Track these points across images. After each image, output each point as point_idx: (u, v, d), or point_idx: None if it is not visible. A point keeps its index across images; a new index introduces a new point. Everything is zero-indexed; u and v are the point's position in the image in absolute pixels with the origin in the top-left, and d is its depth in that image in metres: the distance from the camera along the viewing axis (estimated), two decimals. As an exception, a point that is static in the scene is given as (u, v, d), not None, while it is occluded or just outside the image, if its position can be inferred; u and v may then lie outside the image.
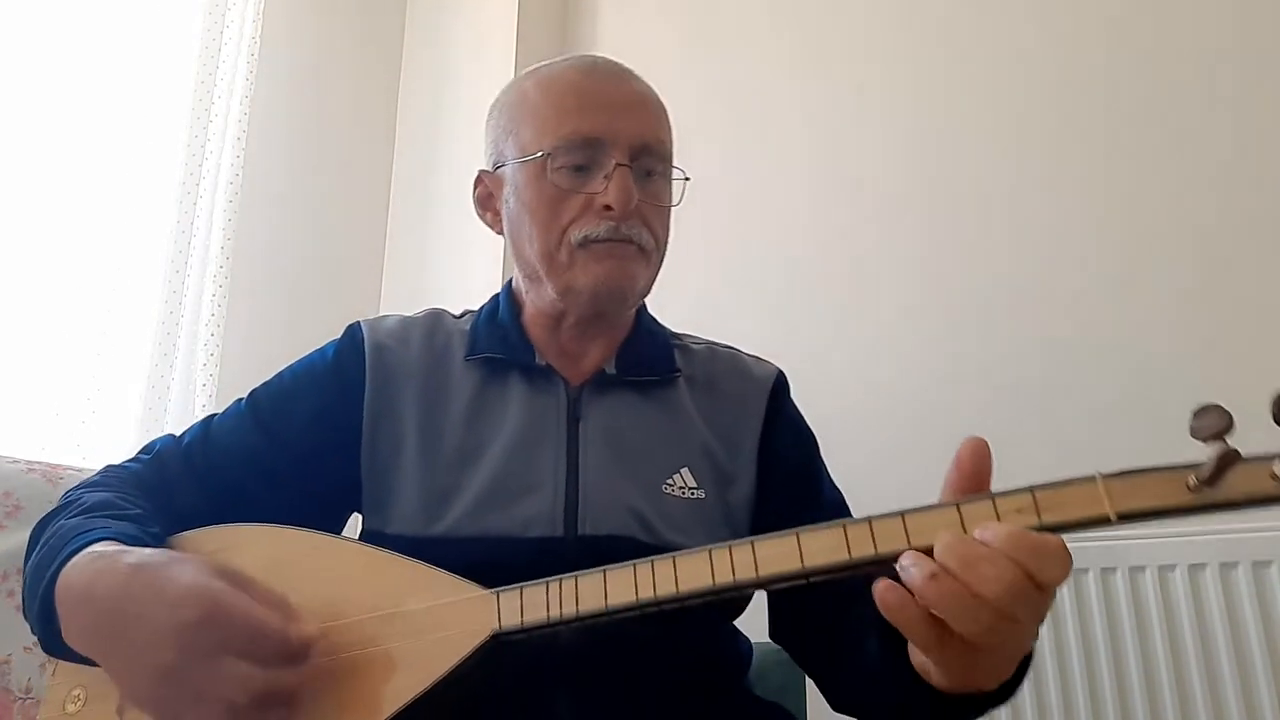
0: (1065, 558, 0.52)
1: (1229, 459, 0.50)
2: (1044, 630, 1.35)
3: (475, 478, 0.82)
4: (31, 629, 0.70)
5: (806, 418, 0.97)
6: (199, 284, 1.81)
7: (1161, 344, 1.43)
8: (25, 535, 0.92)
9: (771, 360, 0.99)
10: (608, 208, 0.84)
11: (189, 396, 1.74)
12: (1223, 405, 0.50)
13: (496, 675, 0.65)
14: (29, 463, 1.21)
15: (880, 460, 1.57)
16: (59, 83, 1.73)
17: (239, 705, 0.59)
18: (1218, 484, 0.51)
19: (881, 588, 0.53)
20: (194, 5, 1.92)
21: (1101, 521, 0.53)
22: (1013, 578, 0.51)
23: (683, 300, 1.95)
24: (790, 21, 1.98)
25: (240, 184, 1.88)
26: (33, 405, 1.60)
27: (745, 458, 0.89)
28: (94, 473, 0.85)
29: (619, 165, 0.84)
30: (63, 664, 0.74)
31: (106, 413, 1.68)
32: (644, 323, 0.96)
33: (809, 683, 1.16)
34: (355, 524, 0.90)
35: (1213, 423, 0.50)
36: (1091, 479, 0.54)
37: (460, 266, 2.08)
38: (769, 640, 0.91)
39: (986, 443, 0.57)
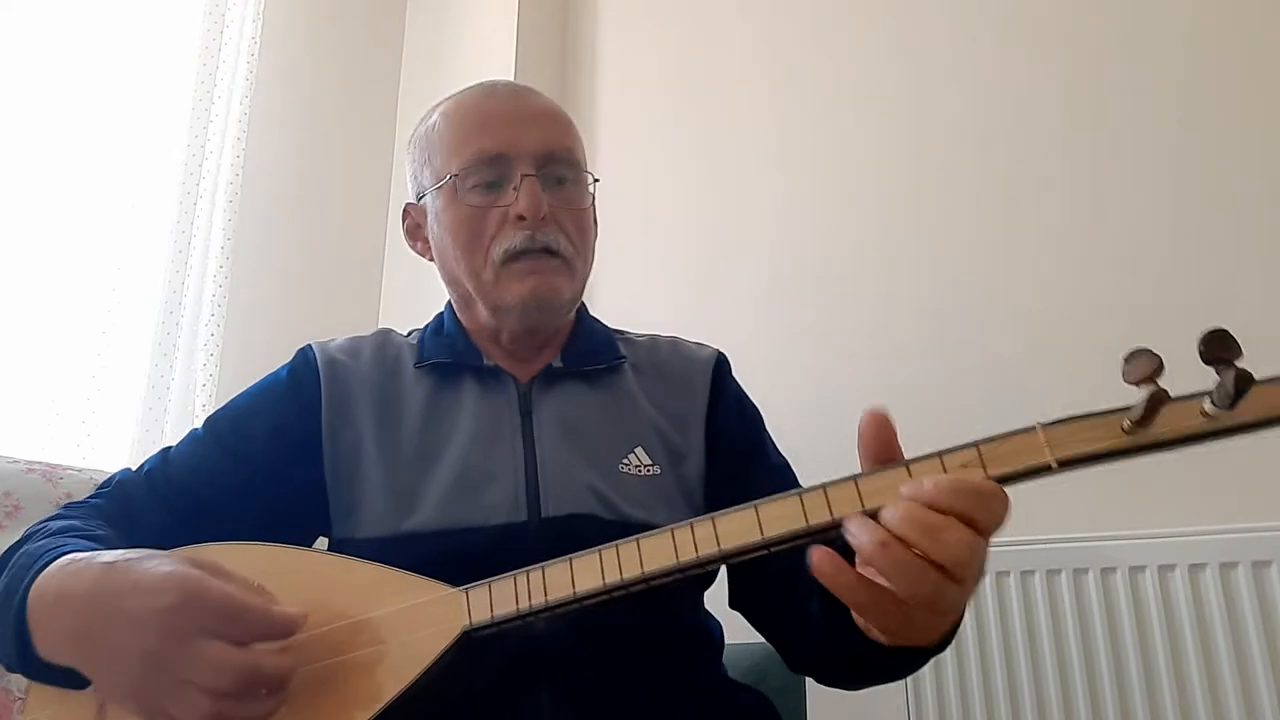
0: (1005, 499, 0.54)
1: (1158, 399, 0.51)
2: (1044, 630, 1.36)
3: (437, 475, 0.84)
4: (4, 658, 0.69)
5: (787, 411, 1.01)
6: (199, 284, 1.81)
7: (1176, 354, 1.42)
8: (25, 535, 0.92)
9: (715, 350, 1.02)
10: (521, 217, 0.87)
11: (189, 396, 1.74)
12: (1152, 349, 0.51)
13: (477, 673, 0.66)
14: (29, 463, 1.21)
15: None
16: (59, 83, 1.73)
17: (222, 689, 0.58)
18: (1150, 424, 0.52)
19: (817, 556, 0.55)
20: (194, 5, 1.92)
21: (1044, 469, 0.54)
22: (972, 540, 0.52)
23: (665, 303, 1.95)
24: (789, 24, 1.98)
25: (240, 184, 1.88)
26: (33, 405, 1.60)
27: (694, 434, 0.92)
28: (54, 511, 0.85)
29: (525, 176, 0.88)
30: (34, 694, 0.72)
31: (106, 413, 1.68)
32: (585, 321, 1.00)
33: (809, 684, 1.17)
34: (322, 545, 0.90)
35: (1143, 366, 0.51)
36: (1031, 429, 0.55)
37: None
38: (766, 641, 0.92)
39: (882, 412, 0.59)
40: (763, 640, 0.92)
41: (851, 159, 1.83)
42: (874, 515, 0.55)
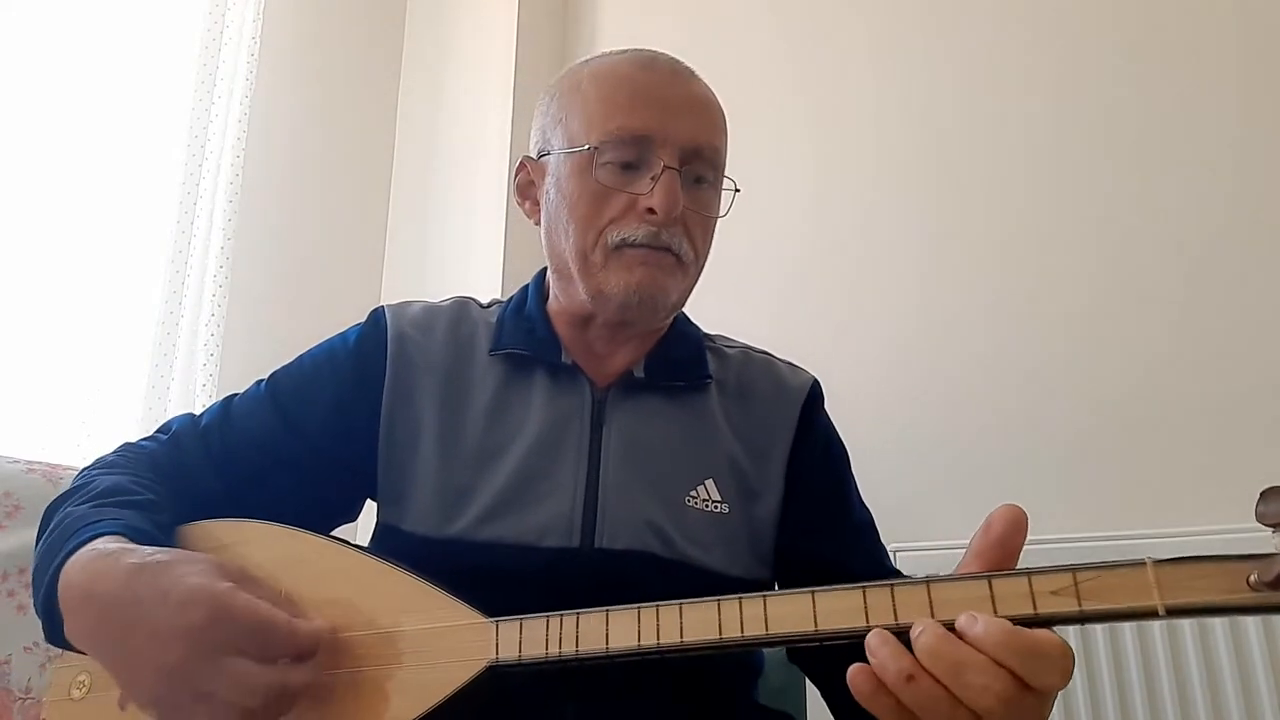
0: (1065, 662, 0.49)
1: None
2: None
3: (493, 479, 0.81)
4: (38, 614, 0.70)
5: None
6: (199, 284, 1.81)
7: (1169, 350, 1.42)
8: (25, 535, 0.93)
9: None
10: (651, 211, 0.80)
11: (189, 396, 1.74)
12: None
13: (504, 683, 0.64)
14: (29, 463, 1.21)
15: (889, 462, 1.57)
16: (59, 82, 1.73)
17: (248, 706, 0.58)
18: None
19: (854, 672, 0.51)
20: (194, 5, 1.92)
21: (1148, 615, 0.48)
22: (1003, 689, 0.47)
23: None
24: (791, 20, 1.98)
25: (240, 184, 1.88)
26: (33, 405, 1.60)
27: (773, 471, 0.86)
28: (111, 451, 0.84)
29: (667, 168, 0.80)
30: (67, 653, 0.73)
31: (106, 413, 1.68)
32: (678, 324, 0.92)
33: (809, 684, 1.17)
34: (368, 514, 0.90)
35: None
36: (1140, 564, 0.49)
37: (460, 266, 2.08)
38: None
39: (1024, 513, 0.54)
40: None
41: (866, 162, 1.83)
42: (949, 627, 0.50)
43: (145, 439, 0.86)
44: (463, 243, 2.08)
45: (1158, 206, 1.48)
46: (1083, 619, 0.49)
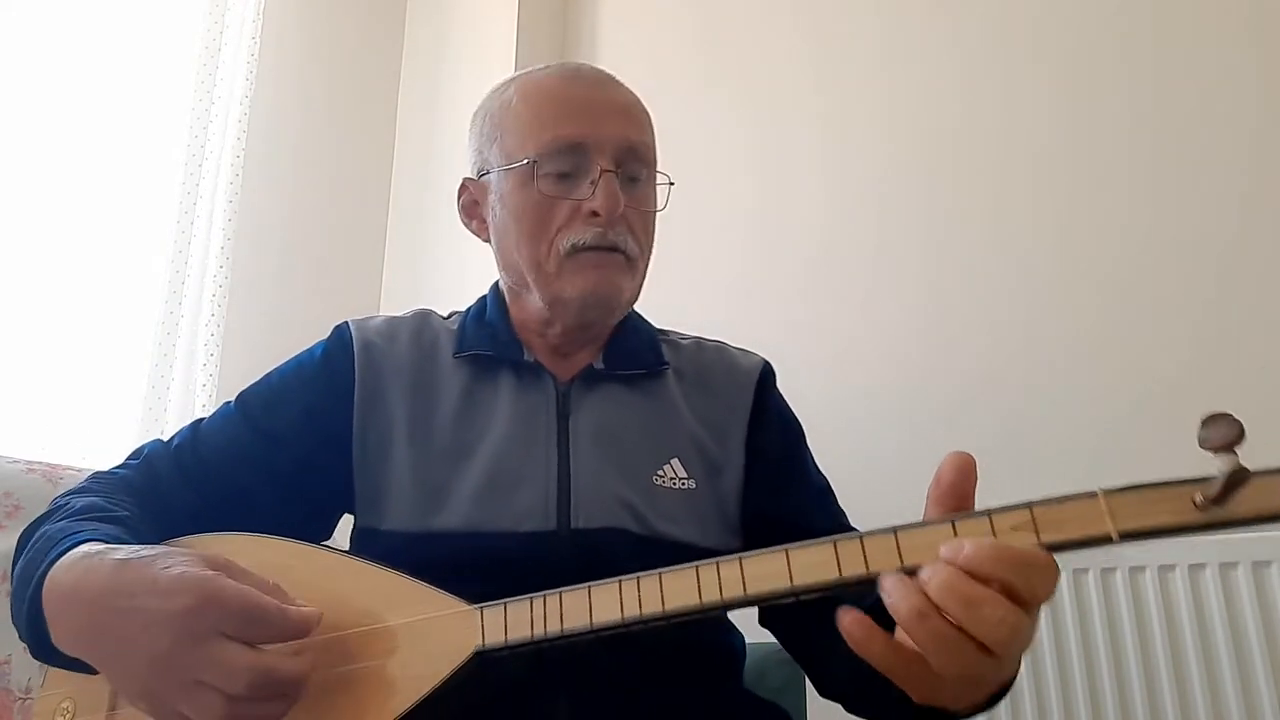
0: (1053, 569, 0.51)
1: (1239, 476, 0.48)
2: (1044, 630, 1.36)
3: (468, 473, 0.82)
4: (20, 635, 0.69)
5: (814, 415, 0.98)
6: (199, 284, 1.81)
7: (1174, 350, 1.42)
8: (25, 535, 0.91)
9: (759, 353, 0.99)
10: (595, 214, 0.84)
11: (189, 396, 1.74)
12: (1233, 414, 0.47)
13: (495, 677, 0.65)
14: (29, 463, 1.21)
15: (880, 461, 1.57)
16: (59, 83, 1.73)
17: (237, 692, 0.58)
18: (1226, 502, 0.49)
19: (847, 621, 0.52)
20: (194, 5, 1.92)
21: (1103, 540, 0.50)
22: (1013, 618, 0.49)
23: (666, 296, 1.94)
24: (790, 19, 1.98)
25: (240, 184, 1.88)
26: (33, 405, 1.60)
27: (734, 447, 0.89)
28: (82, 479, 0.84)
29: (605, 171, 0.84)
30: (51, 674, 0.73)
31: (106, 413, 1.68)
32: (630, 320, 0.96)
33: (809, 683, 1.17)
34: (345, 526, 0.90)
35: (1222, 433, 0.47)
36: (1093, 495, 0.51)
37: (460, 266, 2.08)
38: (768, 640, 0.91)
39: (972, 458, 0.56)
40: (763, 641, 0.92)
41: (853, 159, 1.83)
42: (911, 573, 0.52)
43: (116, 467, 0.87)
44: (462, 242, 2.07)
45: (1173, 205, 1.48)
46: (1041, 549, 0.51)
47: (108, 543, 0.67)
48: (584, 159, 0.85)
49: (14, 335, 1.61)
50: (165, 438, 0.89)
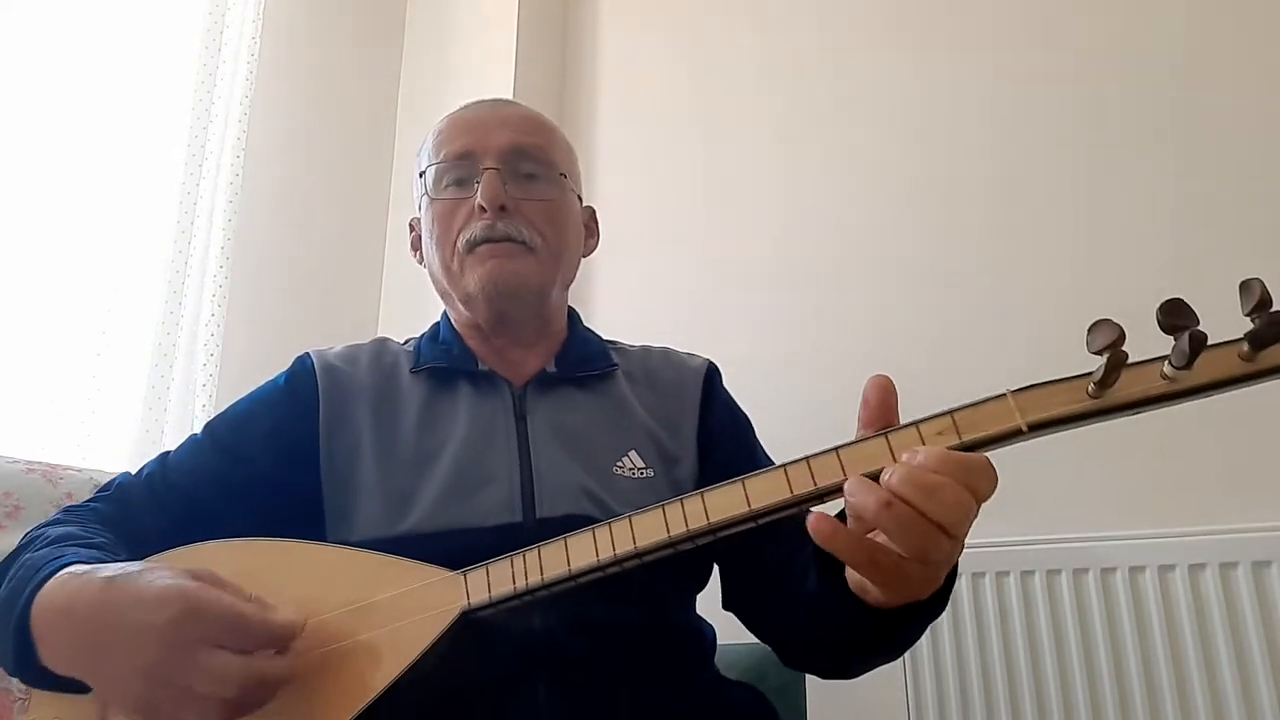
0: (992, 470, 0.57)
1: (1118, 360, 0.54)
2: (1044, 630, 1.36)
3: (433, 478, 0.85)
4: (3, 663, 0.70)
5: (768, 420, 1.04)
6: (199, 284, 1.81)
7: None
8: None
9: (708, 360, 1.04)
10: (482, 209, 0.90)
11: (189, 396, 1.73)
12: (1113, 319, 0.53)
13: (475, 666, 0.67)
14: (29, 463, 1.21)
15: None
16: (59, 83, 1.73)
17: (227, 697, 0.59)
18: (1112, 386, 0.55)
19: (814, 519, 0.57)
20: (194, 5, 1.92)
21: (1015, 433, 0.57)
22: (966, 499, 0.55)
23: (667, 316, 1.94)
24: (794, 34, 1.98)
25: (240, 184, 1.88)
26: (33, 405, 1.60)
27: (686, 438, 0.94)
28: (53, 514, 0.86)
29: (487, 169, 0.91)
30: (36, 695, 0.73)
31: (106, 413, 1.67)
32: (578, 330, 1.02)
33: (808, 683, 1.17)
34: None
35: (1105, 335, 0.53)
36: (1002, 396, 0.58)
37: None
38: (762, 642, 0.92)
39: (890, 379, 0.62)
40: (752, 641, 0.92)
41: (858, 169, 1.83)
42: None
43: (88, 500, 0.89)
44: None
45: (1154, 201, 1.48)
46: (964, 448, 0.57)
47: (91, 563, 0.68)
48: (473, 164, 0.93)
49: (14, 335, 1.61)
50: (163, 440, 0.90)
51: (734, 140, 1.99)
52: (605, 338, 1.05)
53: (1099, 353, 0.53)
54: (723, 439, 0.96)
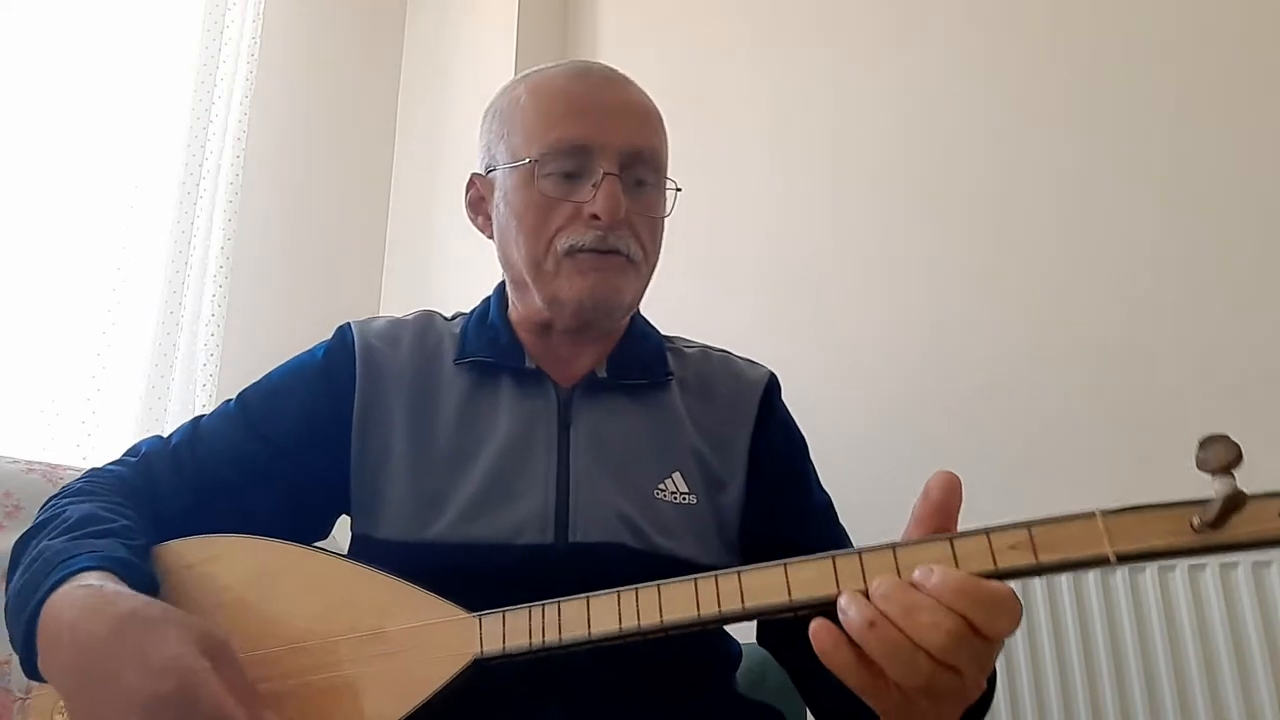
0: (1015, 608, 0.51)
1: (1236, 500, 0.48)
2: (1043, 630, 1.36)
3: (466, 482, 0.82)
4: (14, 649, 0.69)
5: (821, 426, 0.98)
6: (199, 284, 1.81)
7: (1180, 361, 1.42)
8: (25, 536, 0.91)
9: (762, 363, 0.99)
10: (595, 217, 0.83)
11: (189, 396, 1.74)
12: (1230, 436, 0.47)
13: (488, 684, 0.65)
14: (29, 463, 1.21)
15: (889, 465, 1.57)
16: (59, 83, 1.73)
17: None
18: (1224, 525, 0.49)
19: (815, 626, 0.53)
20: (194, 5, 1.92)
21: (1100, 562, 0.51)
22: (954, 627, 0.49)
23: (668, 303, 1.94)
24: (791, 31, 1.98)
25: (240, 184, 1.88)
26: (33, 405, 1.60)
27: (735, 460, 0.89)
28: (78, 476, 0.83)
29: (607, 174, 0.83)
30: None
31: (106, 413, 1.68)
32: (636, 326, 0.95)
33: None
34: (342, 525, 0.90)
35: (1220, 455, 0.48)
36: (1091, 515, 0.51)
37: (460, 266, 2.08)
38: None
39: (958, 478, 0.56)
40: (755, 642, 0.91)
41: (853, 164, 1.83)
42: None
43: (113, 463, 0.86)
44: (462, 243, 2.08)
45: (1177, 215, 1.48)
46: (1040, 570, 0.52)
47: (109, 571, 0.66)
48: (587, 160, 0.84)
49: (14, 335, 1.61)
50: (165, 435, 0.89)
51: (733, 139, 1.99)
52: (665, 334, 0.99)
53: (1211, 473, 0.48)
54: (775, 464, 0.90)
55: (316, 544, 0.88)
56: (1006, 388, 1.52)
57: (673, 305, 1.94)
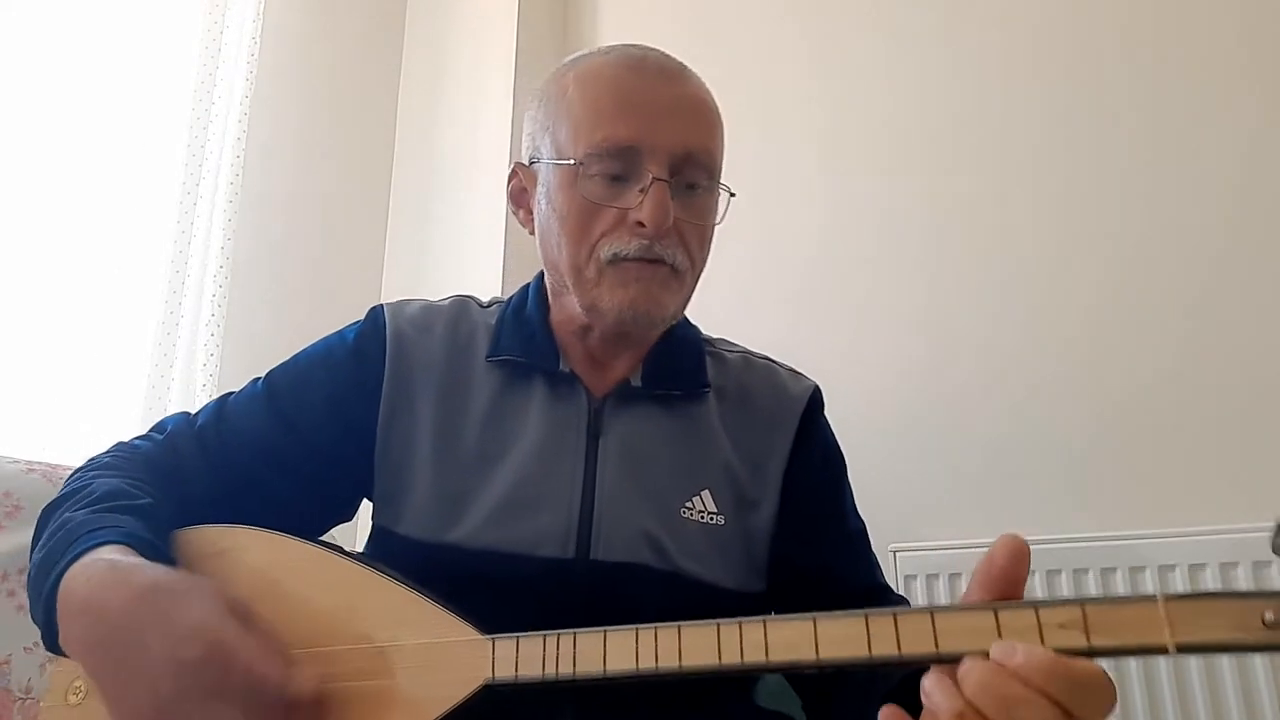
0: (1109, 694, 0.47)
1: None
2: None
3: (490, 486, 0.80)
4: (35, 622, 0.69)
5: (856, 432, 0.96)
6: (199, 284, 1.81)
7: (1174, 357, 1.41)
8: (25, 535, 0.92)
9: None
10: (641, 224, 0.78)
11: (189, 396, 1.74)
12: None
13: (501, 692, 0.64)
14: (29, 463, 1.21)
15: (892, 465, 1.57)
16: (59, 83, 1.73)
17: None
18: None
19: (886, 714, 0.51)
20: (194, 5, 1.92)
21: (1158, 650, 0.47)
22: (1049, 718, 0.46)
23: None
24: (796, 17, 1.98)
25: (240, 184, 1.88)
26: (33, 405, 1.60)
27: (770, 479, 0.86)
28: (105, 450, 0.83)
29: (656, 180, 0.78)
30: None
31: (106, 413, 1.68)
32: (678, 328, 0.91)
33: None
34: (365, 510, 0.89)
35: None
36: (1152, 600, 0.48)
37: (460, 267, 2.08)
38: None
39: (1026, 545, 0.53)
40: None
41: (855, 166, 1.83)
42: (947, 659, 0.50)
43: (139, 437, 0.85)
44: (462, 243, 2.08)
45: (1165, 210, 1.48)
46: (1090, 654, 0.48)
47: (128, 546, 0.66)
48: (636, 163, 0.79)
49: (14, 335, 1.61)
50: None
51: (733, 139, 1.98)
52: (707, 336, 0.95)
53: None
54: (810, 487, 0.87)
55: (340, 527, 0.88)
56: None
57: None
